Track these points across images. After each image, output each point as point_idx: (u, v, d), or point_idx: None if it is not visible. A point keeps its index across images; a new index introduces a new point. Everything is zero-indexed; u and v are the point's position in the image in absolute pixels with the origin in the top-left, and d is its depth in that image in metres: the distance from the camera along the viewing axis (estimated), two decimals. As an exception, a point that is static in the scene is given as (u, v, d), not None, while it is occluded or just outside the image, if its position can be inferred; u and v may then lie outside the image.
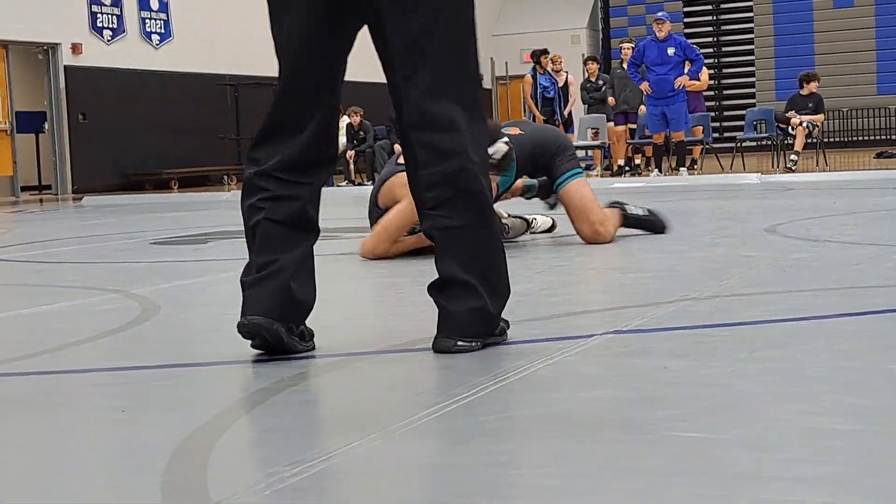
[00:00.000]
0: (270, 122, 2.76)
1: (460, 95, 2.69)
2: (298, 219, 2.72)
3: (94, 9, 17.50)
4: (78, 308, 3.84)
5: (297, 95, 2.73)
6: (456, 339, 2.63)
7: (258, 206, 2.71)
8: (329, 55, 2.74)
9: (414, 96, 2.67)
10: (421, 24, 2.64)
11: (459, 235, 2.66)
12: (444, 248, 2.68)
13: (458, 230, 2.66)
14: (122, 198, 14.83)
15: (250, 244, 2.74)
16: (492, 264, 2.71)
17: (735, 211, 7.38)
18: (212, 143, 19.18)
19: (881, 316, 2.99)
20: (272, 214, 2.70)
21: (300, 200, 2.72)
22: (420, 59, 2.65)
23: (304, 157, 2.73)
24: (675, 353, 2.55)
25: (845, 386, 2.15)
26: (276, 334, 2.65)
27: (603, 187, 12.41)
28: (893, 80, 22.81)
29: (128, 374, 2.64)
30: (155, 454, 1.85)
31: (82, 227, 9.34)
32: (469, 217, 2.66)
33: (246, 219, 2.76)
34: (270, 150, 2.73)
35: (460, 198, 2.65)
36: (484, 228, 2.69)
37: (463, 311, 2.65)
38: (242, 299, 2.69)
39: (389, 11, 2.66)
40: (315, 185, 2.76)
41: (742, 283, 3.69)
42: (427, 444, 1.91)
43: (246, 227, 2.76)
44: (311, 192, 2.75)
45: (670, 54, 13.34)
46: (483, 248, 2.69)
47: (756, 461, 1.68)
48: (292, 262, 2.71)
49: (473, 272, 2.66)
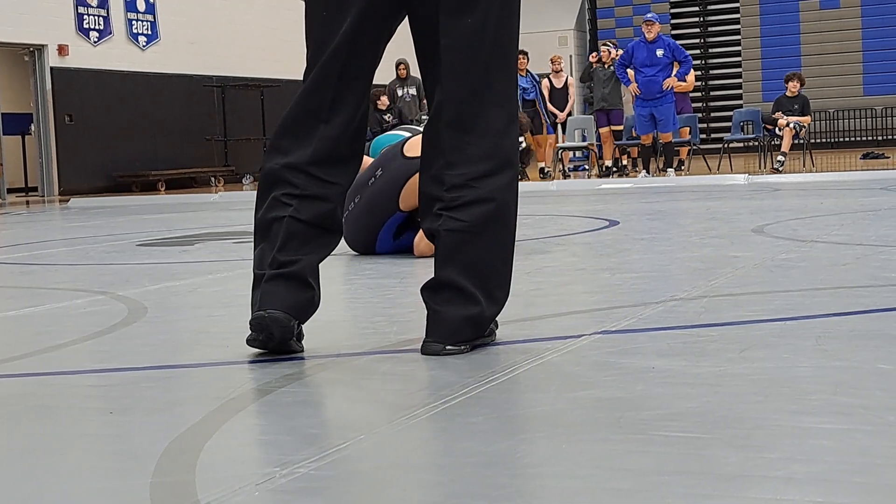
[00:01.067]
0: (300, 109, 2.69)
1: (502, 99, 2.67)
2: (327, 220, 2.68)
3: (81, 10, 17.46)
4: (65, 310, 3.82)
5: (334, 82, 2.67)
6: (445, 344, 2.62)
7: (283, 201, 2.66)
8: (374, 45, 2.71)
9: (456, 95, 2.64)
10: (474, 22, 2.62)
11: (468, 241, 2.62)
12: (448, 251, 2.64)
13: (469, 235, 2.62)
14: (108, 199, 14.79)
15: (264, 235, 2.68)
16: (494, 272, 2.67)
17: (722, 212, 7.39)
18: (199, 144, 19.16)
19: (869, 315, 3.00)
20: (300, 214, 2.65)
21: (330, 202, 2.68)
22: (468, 58, 2.63)
23: (337, 151, 2.68)
24: (664, 353, 2.55)
25: (834, 385, 2.16)
26: (290, 331, 2.63)
27: (591, 188, 12.44)
28: (880, 81, 22.90)
29: (115, 376, 2.63)
30: (143, 456, 1.85)
31: (69, 228, 9.31)
32: (484, 223, 2.62)
33: (265, 209, 2.69)
34: (299, 140, 2.67)
35: (481, 203, 2.62)
36: (497, 237, 2.65)
37: (455, 318, 2.61)
38: (260, 292, 2.64)
39: (446, 9, 2.63)
40: (343, 188, 2.72)
41: (730, 284, 3.70)
42: (417, 444, 1.90)
43: (262, 217, 2.69)
44: (340, 194, 2.71)
45: (659, 56, 13.38)
46: (490, 255, 2.65)
47: (745, 460, 1.68)
48: (314, 263, 2.69)
49: (474, 278, 2.62)
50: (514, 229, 2.72)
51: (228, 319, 3.52)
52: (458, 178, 2.63)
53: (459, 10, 2.62)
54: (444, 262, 2.64)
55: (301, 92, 2.71)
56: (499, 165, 2.65)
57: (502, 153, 2.66)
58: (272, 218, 2.67)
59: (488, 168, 2.63)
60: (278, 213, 2.66)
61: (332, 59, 2.67)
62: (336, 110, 2.68)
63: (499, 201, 2.64)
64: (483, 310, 2.64)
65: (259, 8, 20.32)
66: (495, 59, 2.66)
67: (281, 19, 20.62)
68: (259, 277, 2.67)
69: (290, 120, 2.71)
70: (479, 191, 2.62)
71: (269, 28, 20.43)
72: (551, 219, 7.38)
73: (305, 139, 2.68)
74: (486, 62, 2.64)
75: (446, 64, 2.65)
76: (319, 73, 2.68)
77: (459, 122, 2.64)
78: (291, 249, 2.65)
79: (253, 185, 17.61)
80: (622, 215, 7.34)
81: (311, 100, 2.69)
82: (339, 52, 2.67)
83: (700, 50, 24.17)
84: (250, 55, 20.06)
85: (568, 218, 7.47)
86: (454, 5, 2.62)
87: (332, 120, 2.68)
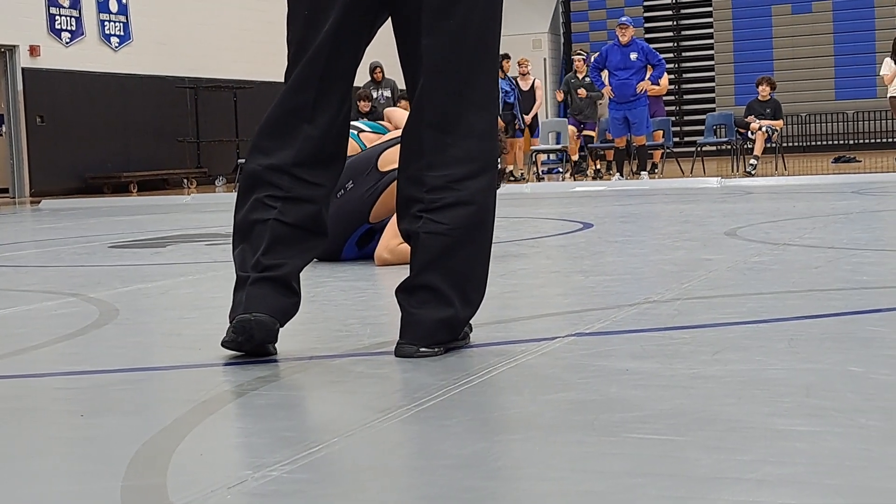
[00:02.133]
0: (283, 109, 2.67)
1: (484, 100, 2.66)
2: (312, 223, 2.66)
3: (53, 11, 17.35)
4: (35, 312, 3.79)
5: (316, 82, 2.65)
6: (418, 346, 2.61)
7: (267, 203, 2.63)
8: (356, 44, 2.69)
9: (437, 95, 2.62)
10: (457, 23, 2.61)
11: (446, 244, 2.60)
12: (424, 253, 2.62)
13: (446, 238, 2.60)
14: (80, 201, 14.70)
15: (245, 236, 2.65)
16: (472, 275, 2.66)
17: (695, 214, 7.42)
18: (171, 146, 19.07)
19: (841, 318, 3.01)
20: (285, 216, 2.63)
21: (315, 204, 2.66)
22: (450, 58, 2.61)
23: (321, 151, 2.66)
24: (638, 355, 2.56)
25: (806, 387, 2.17)
26: (273, 335, 2.62)
27: (565, 191, 12.46)
28: (851, 86, 23.07)
29: (86, 379, 2.61)
30: (115, 459, 1.83)
31: (40, 230, 9.25)
32: (463, 227, 2.61)
33: (246, 210, 2.66)
34: (282, 140, 2.65)
35: (462, 206, 2.60)
36: (475, 240, 2.64)
37: (430, 320, 2.60)
38: (245, 294, 2.61)
39: (428, 9, 2.61)
40: (328, 189, 2.69)
41: (703, 286, 3.71)
42: (392, 447, 1.90)
43: (244, 218, 2.66)
44: (325, 196, 2.69)
45: (633, 59, 13.43)
46: (467, 258, 2.64)
47: (718, 462, 1.68)
48: (298, 267, 2.67)
49: (450, 280, 2.61)
50: (492, 233, 2.71)
51: (201, 322, 3.50)
52: (438, 180, 2.62)
53: (442, 11, 2.61)
54: (422, 264, 2.63)
55: (283, 91, 2.69)
56: (480, 168, 2.64)
57: (483, 156, 2.65)
58: (254, 220, 2.64)
59: (469, 170, 2.62)
60: (261, 215, 2.64)
61: (315, 58, 2.65)
62: (319, 110, 2.66)
63: (479, 204, 2.63)
64: (457, 312, 2.63)
65: (232, 10, 20.25)
66: (478, 61, 2.65)
67: (254, 21, 20.56)
68: (243, 280, 2.64)
69: (273, 120, 2.68)
70: (460, 193, 2.61)
71: (242, 29, 20.37)
72: (525, 221, 7.39)
73: (289, 139, 2.65)
74: (468, 63, 2.63)
75: (428, 64, 2.63)
76: (301, 72, 2.66)
77: (441, 123, 2.63)
78: (276, 253, 2.63)
79: (225, 187, 17.55)
80: (596, 218, 7.36)
81: (294, 100, 2.67)
82: (321, 51, 2.65)
83: (673, 54, 24.27)
84: (223, 57, 19.99)
85: (542, 220, 7.48)
86: (437, 6, 2.61)
87: (315, 120, 2.66)
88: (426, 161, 2.64)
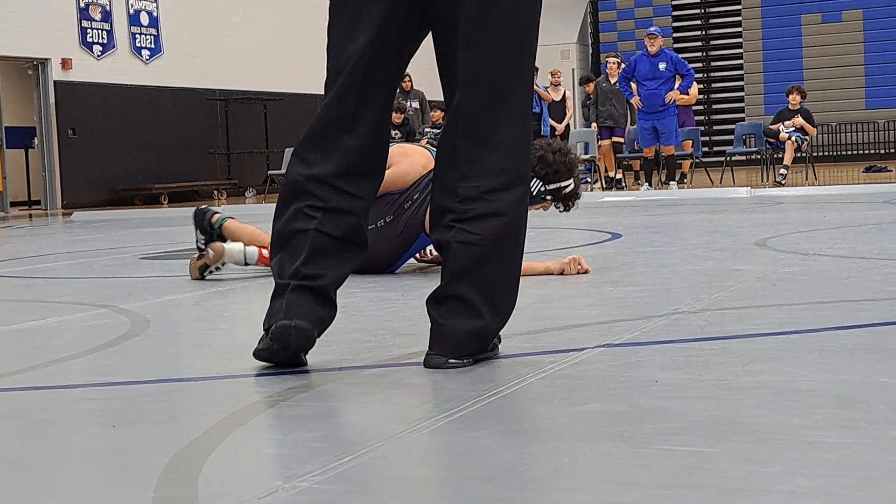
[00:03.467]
0: (324, 120, 2.69)
1: (518, 113, 2.67)
2: (352, 234, 2.68)
3: (84, 24, 17.50)
4: (67, 323, 3.82)
5: (356, 93, 2.66)
6: (447, 357, 2.61)
7: (307, 213, 2.65)
8: (396, 56, 2.71)
9: (472, 106, 2.64)
10: (493, 35, 2.62)
11: (477, 254, 2.61)
12: (455, 263, 2.63)
13: (478, 248, 2.61)
14: (111, 213, 14.80)
15: (284, 245, 2.67)
16: (502, 286, 2.66)
17: (725, 225, 7.39)
18: (201, 157, 19.18)
19: (872, 329, 3.00)
20: (326, 227, 2.65)
21: (354, 216, 2.68)
22: (486, 70, 2.62)
23: (361, 163, 2.68)
24: (667, 366, 2.55)
25: (837, 399, 2.15)
26: (311, 343, 2.64)
27: (593, 201, 12.44)
28: (882, 95, 22.92)
29: (118, 390, 2.63)
30: (146, 470, 1.85)
31: (72, 242, 9.32)
32: (495, 238, 2.61)
33: (286, 219, 2.68)
34: (323, 151, 2.67)
35: (494, 217, 2.61)
36: (506, 251, 2.64)
37: (459, 331, 2.61)
38: (285, 302, 2.62)
39: (466, 21, 2.63)
40: (367, 202, 2.72)
41: (733, 297, 3.70)
42: (421, 458, 1.90)
43: (283, 228, 2.68)
44: (364, 208, 2.71)
45: (661, 69, 13.40)
46: (500, 270, 2.64)
47: (749, 474, 1.67)
48: (338, 278, 2.69)
49: (480, 291, 2.61)
50: (523, 244, 2.72)
51: (231, 333, 3.52)
52: (472, 191, 2.62)
53: (479, 24, 2.62)
54: (452, 275, 2.64)
55: (325, 103, 2.71)
56: (513, 180, 2.65)
57: (517, 167, 2.66)
58: (294, 229, 2.66)
59: (502, 182, 2.63)
60: (301, 224, 2.65)
61: (354, 70, 2.66)
62: (359, 121, 2.67)
63: (511, 216, 2.64)
64: (487, 323, 2.63)
65: (262, 22, 20.36)
66: (513, 73, 2.66)
67: (284, 33, 20.67)
68: (282, 287, 2.65)
69: (314, 131, 2.70)
70: (493, 204, 2.62)
71: (271, 42, 20.47)
72: (554, 231, 7.38)
73: (329, 151, 2.67)
74: (503, 75, 2.64)
75: (464, 76, 2.65)
76: (342, 84, 2.68)
77: (475, 135, 2.64)
78: (316, 263, 2.64)
79: (255, 199, 17.62)
80: (625, 228, 7.34)
81: (334, 111, 2.68)
82: (361, 63, 2.66)
83: (702, 63, 24.20)
84: (253, 69, 20.10)
85: (570, 231, 7.47)
86: (474, 18, 2.62)
87: (355, 131, 2.67)
88: (460, 172, 2.65)
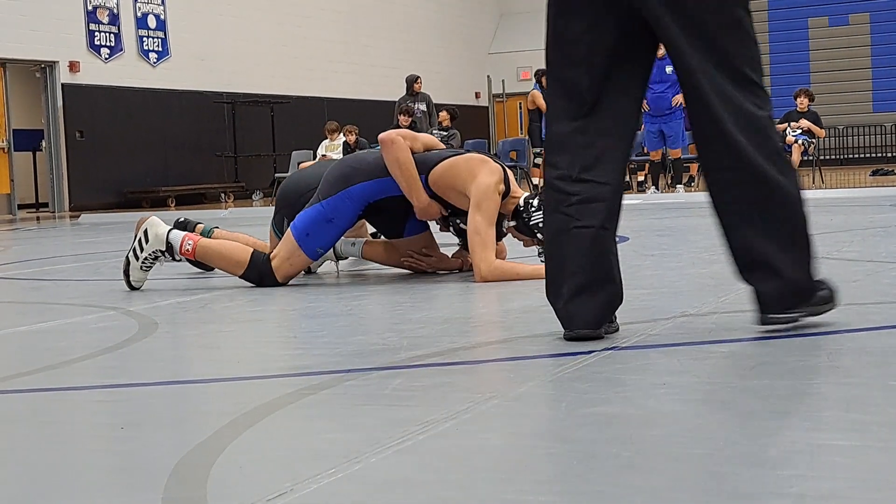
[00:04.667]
0: (562, 127, 2.92)
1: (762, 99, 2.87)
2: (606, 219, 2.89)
3: (92, 27, 17.55)
4: (75, 325, 3.83)
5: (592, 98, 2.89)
6: (768, 315, 2.89)
7: (564, 212, 2.88)
8: (636, 61, 3.00)
9: (728, 90, 2.81)
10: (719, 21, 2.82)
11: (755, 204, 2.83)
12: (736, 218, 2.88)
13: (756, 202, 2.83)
14: (119, 215, 14.82)
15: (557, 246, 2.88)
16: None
17: (732, 228, 7.37)
18: (209, 160, 19.22)
19: (880, 332, 2.99)
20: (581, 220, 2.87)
21: (602, 201, 2.89)
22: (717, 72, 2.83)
23: (602, 155, 2.89)
24: (675, 369, 2.55)
25: (846, 402, 2.15)
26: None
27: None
28: (889, 98, 22.91)
29: (126, 392, 2.63)
30: (154, 471, 1.85)
31: (79, 244, 9.34)
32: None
33: (548, 220, 2.91)
34: (566, 153, 2.89)
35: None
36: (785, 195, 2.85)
37: (769, 290, 2.88)
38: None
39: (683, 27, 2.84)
40: (614, 186, 2.92)
41: (740, 300, 3.69)
42: (428, 460, 1.90)
43: (547, 227, 2.91)
44: (612, 192, 2.91)
45: (668, 72, 13.39)
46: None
47: (758, 477, 1.67)
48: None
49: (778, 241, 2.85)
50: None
51: (239, 335, 3.53)
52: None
53: (693, 31, 2.84)
54: (739, 231, 2.91)
55: (558, 109, 2.91)
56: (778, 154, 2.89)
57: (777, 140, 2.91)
58: (563, 228, 2.88)
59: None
60: (563, 224, 2.87)
61: (586, 77, 2.89)
62: (595, 123, 2.90)
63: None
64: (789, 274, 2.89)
65: (269, 26, 20.40)
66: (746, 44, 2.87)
67: (291, 37, 20.70)
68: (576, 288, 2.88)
69: (555, 136, 2.93)
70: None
71: (279, 45, 20.51)
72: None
73: (571, 153, 2.90)
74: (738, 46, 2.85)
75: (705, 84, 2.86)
76: (575, 86, 2.89)
77: (737, 119, 2.85)
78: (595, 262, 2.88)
79: (262, 201, 17.62)
80: (632, 231, 7.33)
81: (570, 113, 2.90)
82: (594, 68, 2.88)
83: (709, 66, 24.14)
84: (260, 72, 20.13)
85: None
86: (688, 26, 2.82)
87: (588, 131, 2.89)
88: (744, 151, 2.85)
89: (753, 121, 2.80)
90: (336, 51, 21.86)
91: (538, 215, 4.61)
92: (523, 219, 4.66)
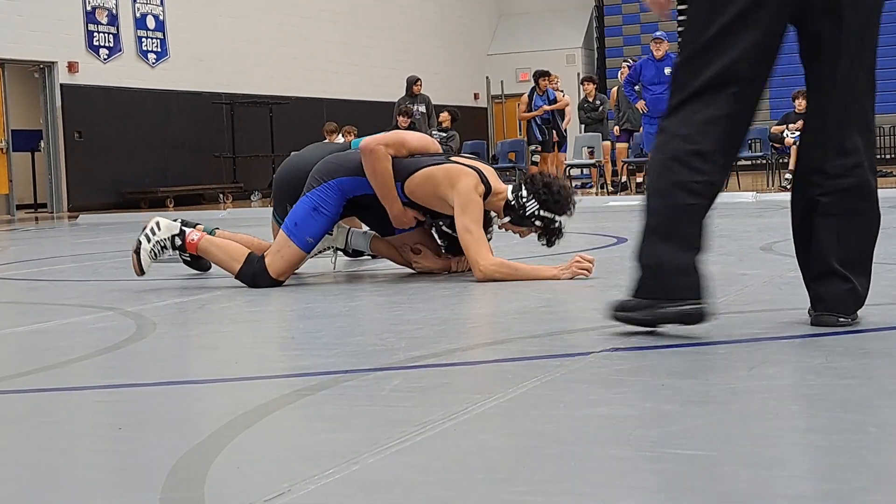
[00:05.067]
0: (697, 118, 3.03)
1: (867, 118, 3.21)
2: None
3: (91, 27, 17.54)
4: (74, 326, 3.83)
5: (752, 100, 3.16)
6: (834, 315, 3.02)
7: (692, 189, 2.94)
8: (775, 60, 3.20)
9: (841, 93, 3.16)
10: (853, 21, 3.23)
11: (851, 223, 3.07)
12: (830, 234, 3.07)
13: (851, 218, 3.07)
14: (117, 216, 14.82)
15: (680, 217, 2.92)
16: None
17: (731, 229, 7.38)
18: (207, 161, 19.21)
19: (879, 333, 2.99)
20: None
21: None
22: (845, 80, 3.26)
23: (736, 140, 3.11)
24: (673, 370, 2.55)
25: (844, 403, 2.15)
26: None
27: (598, 206, 12.43)
28: (886, 100, 22.87)
29: (124, 392, 2.63)
30: (152, 471, 1.85)
31: (78, 245, 9.33)
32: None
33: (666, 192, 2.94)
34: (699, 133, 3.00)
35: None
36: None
37: (842, 293, 3.04)
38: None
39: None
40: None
41: (739, 301, 3.69)
42: (427, 461, 1.90)
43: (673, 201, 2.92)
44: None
45: (667, 73, 13.39)
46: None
47: (756, 478, 1.67)
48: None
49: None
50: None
51: (237, 335, 3.53)
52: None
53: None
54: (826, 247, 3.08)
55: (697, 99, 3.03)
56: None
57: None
58: (689, 204, 2.95)
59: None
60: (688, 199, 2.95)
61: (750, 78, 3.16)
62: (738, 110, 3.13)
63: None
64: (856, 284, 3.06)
65: (268, 26, 20.39)
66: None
67: (290, 37, 20.70)
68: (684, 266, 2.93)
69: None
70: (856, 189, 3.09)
71: (278, 46, 20.50)
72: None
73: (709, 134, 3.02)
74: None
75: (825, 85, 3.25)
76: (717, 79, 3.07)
77: (844, 122, 3.19)
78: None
79: (261, 202, 17.62)
80: (630, 233, 7.31)
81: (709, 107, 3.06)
82: (753, 71, 3.15)
83: (708, 68, 24.15)
84: (259, 73, 20.13)
85: (576, 235, 7.46)
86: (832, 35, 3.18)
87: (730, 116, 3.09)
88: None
89: (871, 126, 3.17)
90: (335, 51, 21.86)
91: (532, 204, 4.68)
92: (516, 212, 4.71)
